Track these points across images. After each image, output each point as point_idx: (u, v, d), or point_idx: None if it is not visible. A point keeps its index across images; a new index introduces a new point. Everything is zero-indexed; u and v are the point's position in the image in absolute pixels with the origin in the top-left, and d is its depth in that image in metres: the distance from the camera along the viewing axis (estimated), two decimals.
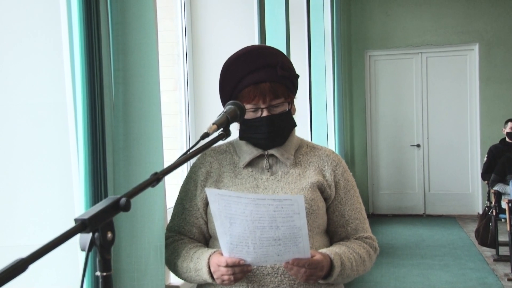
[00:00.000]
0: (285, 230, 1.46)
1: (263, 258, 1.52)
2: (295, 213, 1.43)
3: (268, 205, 1.43)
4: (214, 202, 1.45)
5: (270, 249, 1.49)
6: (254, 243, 1.48)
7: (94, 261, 1.39)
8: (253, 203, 1.43)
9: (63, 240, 0.91)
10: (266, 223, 1.45)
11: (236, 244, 1.50)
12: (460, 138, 8.69)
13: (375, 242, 1.82)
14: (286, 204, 1.43)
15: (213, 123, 1.46)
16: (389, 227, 7.99)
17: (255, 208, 1.43)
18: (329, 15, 6.23)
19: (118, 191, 1.61)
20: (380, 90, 8.96)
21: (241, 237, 1.48)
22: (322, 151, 1.82)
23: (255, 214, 1.43)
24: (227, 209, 1.45)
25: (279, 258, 1.52)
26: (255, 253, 1.50)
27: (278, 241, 1.48)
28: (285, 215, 1.44)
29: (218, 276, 1.58)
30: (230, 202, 1.44)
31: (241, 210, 1.44)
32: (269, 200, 1.44)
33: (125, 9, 1.64)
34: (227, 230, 1.49)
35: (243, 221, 1.45)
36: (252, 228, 1.46)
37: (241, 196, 1.45)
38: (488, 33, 8.44)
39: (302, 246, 1.49)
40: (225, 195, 1.46)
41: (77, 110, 1.52)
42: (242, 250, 1.51)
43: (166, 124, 2.20)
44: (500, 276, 5.46)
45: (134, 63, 1.66)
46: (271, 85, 1.68)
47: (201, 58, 3.29)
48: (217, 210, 1.46)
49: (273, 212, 1.43)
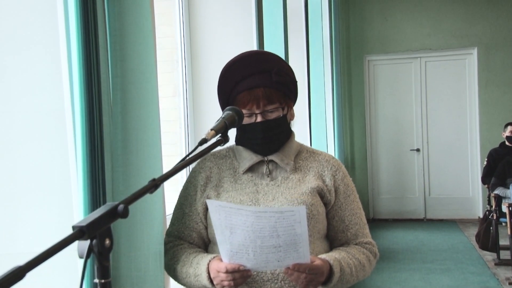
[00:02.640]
0: (286, 238, 1.45)
1: (263, 264, 1.52)
2: (296, 222, 1.43)
3: (270, 217, 1.42)
4: (215, 212, 1.45)
5: (271, 256, 1.49)
6: (255, 250, 1.48)
7: (93, 268, 1.39)
8: (254, 215, 1.42)
9: (61, 247, 0.90)
10: (267, 233, 1.44)
11: (236, 251, 1.50)
12: (460, 142, 8.69)
13: (375, 248, 1.82)
14: (288, 215, 1.42)
15: (211, 129, 1.46)
16: (390, 231, 7.97)
17: (256, 220, 1.42)
18: (327, 20, 6.23)
19: (117, 198, 1.61)
20: (380, 94, 8.96)
21: (241, 245, 1.48)
22: (322, 156, 1.82)
23: (256, 226, 1.43)
24: (227, 219, 1.44)
25: (279, 263, 1.52)
26: (255, 259, 1.50)
27: (278, 248, 1.47)
28: (287, 225, 1.44)
29: (218, 282, 1.58)
30: (231, 214, 1.44)
31: (242, 221, 1.43)
32: (270, 212, 1.43)
33: (123, 16, 1.64)
34: (227, 239, 1.48)
35: (244, 231, 1.45)
36: (253, 238, 1.45)
37: (242, 209, 1.45)
38: (486, 37, 8.45)
39: (302, 251, 1.49)
40: (226, 207, 1.45)
41: (75, 117, 1.51)
42: (242, 257, 1.50)
43: (165, 130, 2.20)
44: (501, 280, 5.45)
45: (132, 69, 1.65)
46: (265, 90, 1.68)
47: (199, 64, 3.29)
48: (217, 220, 1.46)
49: (274, 223, 1.43)
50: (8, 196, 1.63)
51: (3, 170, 1.62)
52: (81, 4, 1.48)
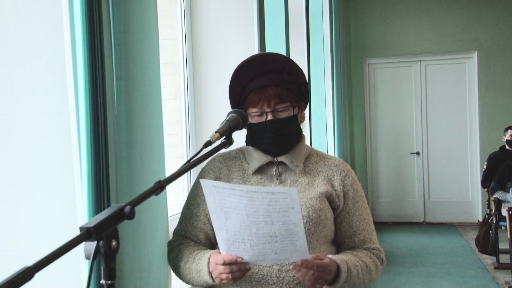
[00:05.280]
0: (281, 226, 1.45)
1: (260, 256, 1.51)
2: (289, 207, 1.43)
3: (262, 198, 1.42)
4: (210, 194, 1.45)
5: (267, 246, 1.48)
6: (251, 239, 1.48)
7: (98, 269, 1.40)
8: (246, 195, 1.42)
9: (69, 248, 0.91)
10: (261, 217, 1.44)
11: (233, 240, 1.50)
12: (460, 145, 8.70)
13: (382, 254, 1.81)
14: (280, 198, 1.42)
15: (215, 131, 1.47)
16: (389, 235, 7.97)
17: (249, 202, 1.42)
18: (328, 23, 6.25)
19: (121, 199, 1.62)
20: (380, 98, 8.97)
21: (237, 232, 1.48)
22: (331, 160, 1.82)
23: (250, 208, 1.43)
24: (222, 202, 1.45)
25: (277, 256, 1.51)
26: (252, 250, 1.49)
27: (274, 237, 1.47)
28: (280, 209, 1.43)
29: (217, 275, 1.58)
30: (224, 195, 1.44)
31: (236, 203, 1.43)
32: (262, 193, 1.43)
33: (127, 19, 1.65)
34: (223, 225, 1.48)
35: (238, 215, 1.45)
36: (248, 223, 1.45)
37: (235, 188, 1.45)
38: (487, 41, 8.47)
39: (299, 245, 1.48)
40: (220, 187, 1.45)
41: (80, 119, 1.52)
42: (239, 247, 1.50)
43: (167, 133, 2.21)
44: (501, 284, 5.45)
45: (136, 72, 1.66)
46: (276, 89, 1.70)
47: (201, 67, 3.29)
48: (212, 203, 1.46)
49: (267, 206, 1.43)
50: (13, 197, 1.63)
51: (8, 171, 1.63)
52: (87, 7, 1.49)
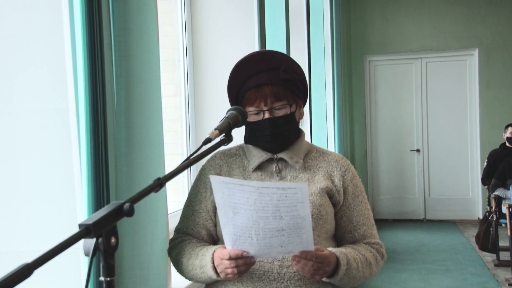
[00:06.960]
0: (289, 220, 1.45)
1: (266, 250, 1.51)
2: (299, 202, 1.43)
3: (272, 194, 1.42)
4: (218, 190, 1.45)
5: (274, 240, 1.48)
6: (258, 234, 1.47)
7: (98, 266, 1.39)
8: (257, 191, 1.42)
9: (68, 245, 0.91)
10: (269, 213, 1.44)
11: (239, 235, 1.49)
12: (460, 143, 8.69)
13: (383, 249, 1.81)
14: (290, 193, 1.42)
15: (215, 129, 1.47)
16: (390, 232, 7.98)
17: (259, 197, 1.42)
18: (328, 20, 6.24)
19: (121, 196, 1.62)
20: (380, 95, 8.97)
21: (244, 227, 1.47)
22: (331, 156, 1.83)
23: (259, 204, 1.43)
24: (231, 197, 1.44)
25: (283, 249, 1.51)
26: (258, 244, 1.49)
27: (281, 231, 1.47)
28: (289, 204, 1.43)
29: (222, 270, 1.57)
30: (234, 191, 1.44)
31: (245, 199, 1.43)
32: (273, 188, 1.44)
33: (127, 15, 1.64)
34: (230, 220, 1.48)
35: (247, 211, 1.44)
36: (256, 218, 1.45)
37: (245, 184, 1.45)
38: (487, 38, 8.46)
39: (305, 237, 1.48)
40: (230, 183, 1.45)
41: (79, 116, 1.52)
42: (245, 241, 1.49)
43: (167, 130, 2.21)
44: (501, 281, 5.45)
45: (136, 69, 1.66)
46: (272, 87, 1.70)
47: (201, 64, 3.29)
48: (220, 199, 1.46)
49: (277, 201, 1.43)
50: (12, 195, 1.63)
51: (7, 169, 1.63)
52: (87, 4, 1.48)
